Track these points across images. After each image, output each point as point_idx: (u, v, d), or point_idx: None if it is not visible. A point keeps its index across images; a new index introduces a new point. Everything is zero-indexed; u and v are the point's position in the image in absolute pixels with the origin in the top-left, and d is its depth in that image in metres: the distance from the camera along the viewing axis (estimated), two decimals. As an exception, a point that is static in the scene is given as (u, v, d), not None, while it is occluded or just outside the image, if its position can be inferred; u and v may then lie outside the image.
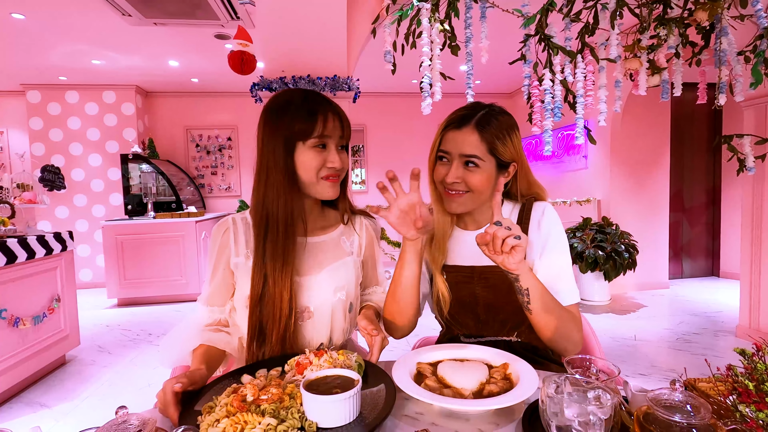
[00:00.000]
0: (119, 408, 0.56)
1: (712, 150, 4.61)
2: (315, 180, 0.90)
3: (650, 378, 2.37)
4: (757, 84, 1.42)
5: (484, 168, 0.91)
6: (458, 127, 0.92)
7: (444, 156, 0.94)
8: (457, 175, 0.91)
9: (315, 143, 0.89)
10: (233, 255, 0.95)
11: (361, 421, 0.63)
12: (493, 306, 0.97)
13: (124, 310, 4.04)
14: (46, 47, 3.74)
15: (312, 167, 0.89)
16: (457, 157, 0.92)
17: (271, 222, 0.90)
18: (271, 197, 0.90)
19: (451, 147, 0.93)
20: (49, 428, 2.01)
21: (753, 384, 0.54)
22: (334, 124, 0.90)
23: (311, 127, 0.87)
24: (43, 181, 3.16)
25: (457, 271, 0.99)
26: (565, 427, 0.54)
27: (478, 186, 0.91)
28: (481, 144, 0.90)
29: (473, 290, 0.98)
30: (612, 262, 3.40)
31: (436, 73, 1.52)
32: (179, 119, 5.44)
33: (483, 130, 0.91)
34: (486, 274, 0.96)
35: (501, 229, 0.73)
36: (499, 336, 0.99)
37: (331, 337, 0.97)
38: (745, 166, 2.01)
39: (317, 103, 0.90)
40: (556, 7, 1.40)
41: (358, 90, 2.76)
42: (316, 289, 0.93)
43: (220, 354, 0.93)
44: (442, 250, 0.99)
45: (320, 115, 0.88)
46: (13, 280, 2.25)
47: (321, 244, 0.98)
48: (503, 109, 0.97)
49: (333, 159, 0.90)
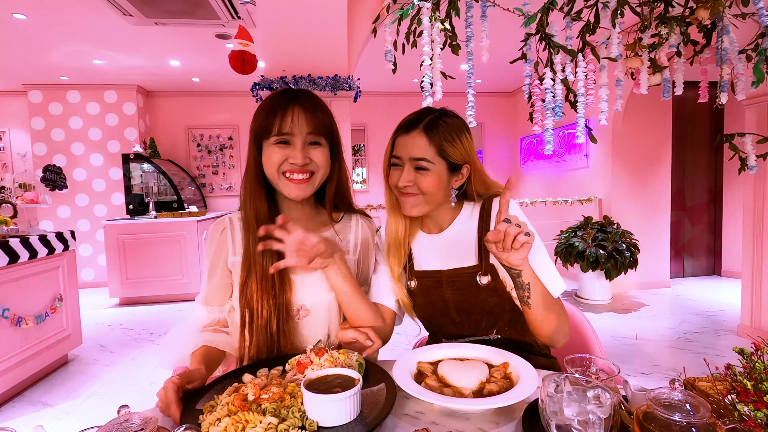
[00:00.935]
0: (121, 407, 0.56)
1: (714, 149, 4.59)
2: (277, 178, 0.89)
3: (651, 377, 2.37)
4: (758, 82, 1.42)
5: (434, 170, 0.92)
6: (407, 131, 0.93)
7: (396, 161, 0.96)
8: (408, 179, 0.92)
9: (276, 140, 0.88)
10: (230, 254, 0.95)
11: (362, 420, 0.64)
12: (463, 308, 0.98)
13: (125, 310, 4.06)
14: (48, 47, 3.74)
15: (272, 163, 0.88)
16: (408, 161, 0.92)
17: (248, 217, 0.92)
18: (245, 194, 0.93)
19: (401, 151, 0.94)
20: (51, 427, 2.02)
21: (751, 383, 0.54)
22: (299, 119, 0.87)
23: (270, 123, 0.87)
24: (45, 181, 3.17)
25: (426, 276, 1.00)
26: (564, 426, 0.54)
27: (429, 188, 0.92)
28: (430, 147, 0.91)
29: (443, 294, 0.98)
30: (613, 261, 3.40)
31: (437, 73, 1.52)
32: (180, 119, 5.44)
33: (431, 133, 0.91)
34: (453, 277, 0.97)
35: (512, 226, 0.73)
36: (477, 335, 1.00)
37: (329, 334, 0.97)
38: (746, 164, 2.00)
39: (282, 100, 0.89)
40: (556, 5, 1.40)
41: (359, 89, 2.76)
42: (311, 287, 0.93)
43: (220, 354, 0.93)
44: (398, 257, 1.00)
45: (280, 111, 0.87)
46: (16, 280, 2.26)
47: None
48: (453, 113, 0.97)
49: (294, 155, 0.87)
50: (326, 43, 2.54)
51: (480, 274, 0.94)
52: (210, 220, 4.60)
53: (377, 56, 3.82)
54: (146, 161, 4.83)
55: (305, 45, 2.54)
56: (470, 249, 0.97)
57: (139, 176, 4.98)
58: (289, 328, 0.90)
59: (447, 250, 0.99)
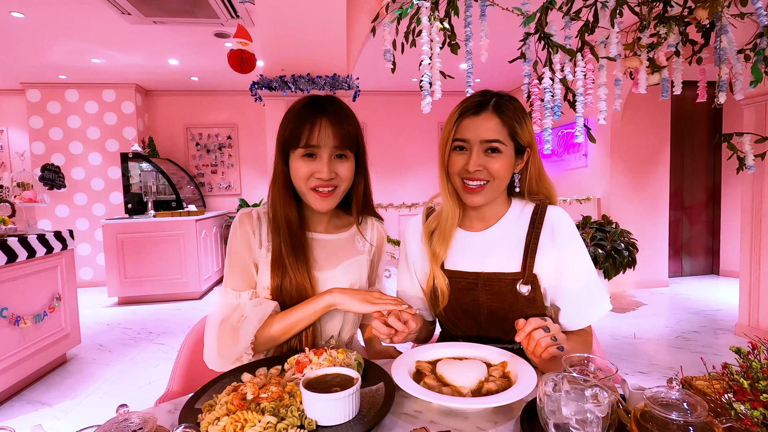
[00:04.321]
0: (120, 406, 0.56)
1: (712, 148, 4.60)
2: (305, 190, 0.91)
3: (650, 376, 2.38)
4: (757, 82, 1.42)
5: (506, 153, 0.89)
6: (476, 113, 0.89)
7: (462, 145, 0.90)
8: (478, 163, 0.88)
9: (303, 152, 0.89)
10: (256, 246, 0.96)
11: (361, 419, 0.64)
12: (496, 314, 0.93)
13: (124, 309, 4.05)
14: (46, 46, 3.73)
15: (299, 177, 0.90)
16: (478, 144, 0.88)
17: (279, 221, 0.94)
18: (275, 200, 0.95)
19: (469, 134, 0.89)
20: (50, 426, 2.02)
21: (748, 382, 0.55)
22: (326, 132, 0.87)
23: (298, 135, 0.88)
24: (44, 180, 3.16)
25: (460, 277, 0.95)
26: (562, 424, 0.54)
27: (500, 172, 0.88)
28: (503, 128, 0.88)
29: (477, 297, 0.93)
30: (612, 260, 3.40)
31: (436, 72, 1.52)
32: (179, 118, 5.43)
33: (502, 113, 0.89)
34: (491, 281, 0.92)
35: (546, 336, 0.73)
36: (502, 342, 0.96)
37: (342, 329, 0.99)
38: (744, 164, 2.01)
39: (310, 111, 0.89)
40: (555, 5, 1.40)
41: (358, 89, 2.76)
42: (331, 284, 0.95)
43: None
44: (446, 245, 0.96)
45: (308, 123, 0.87)
46: (14, 279, 2.26)
47: (337, 241, 1.01)
48: (512, 96, 0.95)
49: (320, 169, 0.88)
50: (325, 42, 2.54)
51: (521, 283, 0.89)
52: (209, 219, 4.59)
53: (376, 55, 3.82)
54: (145, 160, 4.82)
55: (304, 44, 2.54)
56: (514, 253, 0.92)
57: (137, 175, 4.97)
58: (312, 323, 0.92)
59: (486, 251, 0.94)
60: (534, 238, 0.91)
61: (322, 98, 0.93)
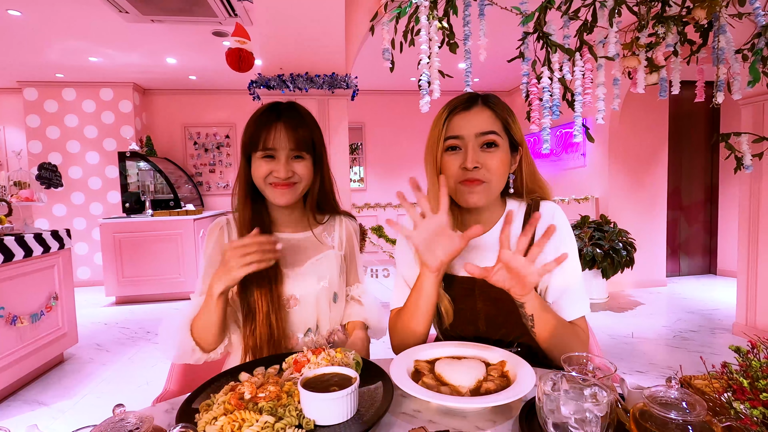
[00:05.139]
0: (116, 406, 0.56)
1: (710, 148, 4.61)
2: (263, 186, 0.96)
3: (648, 375, 2.38)
4: (754, 82, 1.42)
5: (503, 148, 0.86)
6: (467, 108, 0.86)
7: (455, 144, 0.86)
8: (476, 159, 0.84)
9: (262, 154, 0.94)
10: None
11: (359, 419, 0.64)
12: (494, 320, 0.92)
13: (122, 308, 4.04)
14: (43, 44, 3.72)
15: (259, 175, 0.95)
16: (473, 139, 0.85)
17: (245, 221, 0.99)
18: (239, 201, 1.01)
19: (463, 130, 0.85)
20: (46, 426, 2.01)
21: (747, 381, 0.55)
22: (282, 135, 0.93)
23: (257, 139, 0.94)
24: (41, 179, 3.15)
25: (458, 283, 0.93)
26: (561, 424, 0.54)
27: (498, 169, 0.85)
28: (497, 120, 0.86)
29: (474, 304, 0.92)
30: (610, 259, 3.41)
31: (435, 71, 1.52)
32: (177, 117, 5.42)
33: (494, 106, 0.87)
34: (488, 287, 0.87)
35: (520, 257, 0.74)
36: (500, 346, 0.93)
37: (318, 323, 1.03)
38: (742, 164, 2.01)
39: (267, 117, 0.95)
40: (554, 4, 1.40)
41: (357, 88, 2.76)
42: (300, 279, 1.01)
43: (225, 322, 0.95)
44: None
45: (265, 128, 0.93)
46: (11, 278, 2.25)
47: (304, 240, 1.06)
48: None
49: (278, 168, 0.94)
50: (324, 41, 2.54)
51: None
52: (207, 218, 4.58)
53: (375, 54, 3.81)
54: (143, 159, 4.81)
55: (303, 43, 2.53)
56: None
57: (135, 174, 4.95)
58: (281, 316, 0.96)
59: (484, 256, 0.92)
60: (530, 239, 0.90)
61: (281, 104, 0.99)
